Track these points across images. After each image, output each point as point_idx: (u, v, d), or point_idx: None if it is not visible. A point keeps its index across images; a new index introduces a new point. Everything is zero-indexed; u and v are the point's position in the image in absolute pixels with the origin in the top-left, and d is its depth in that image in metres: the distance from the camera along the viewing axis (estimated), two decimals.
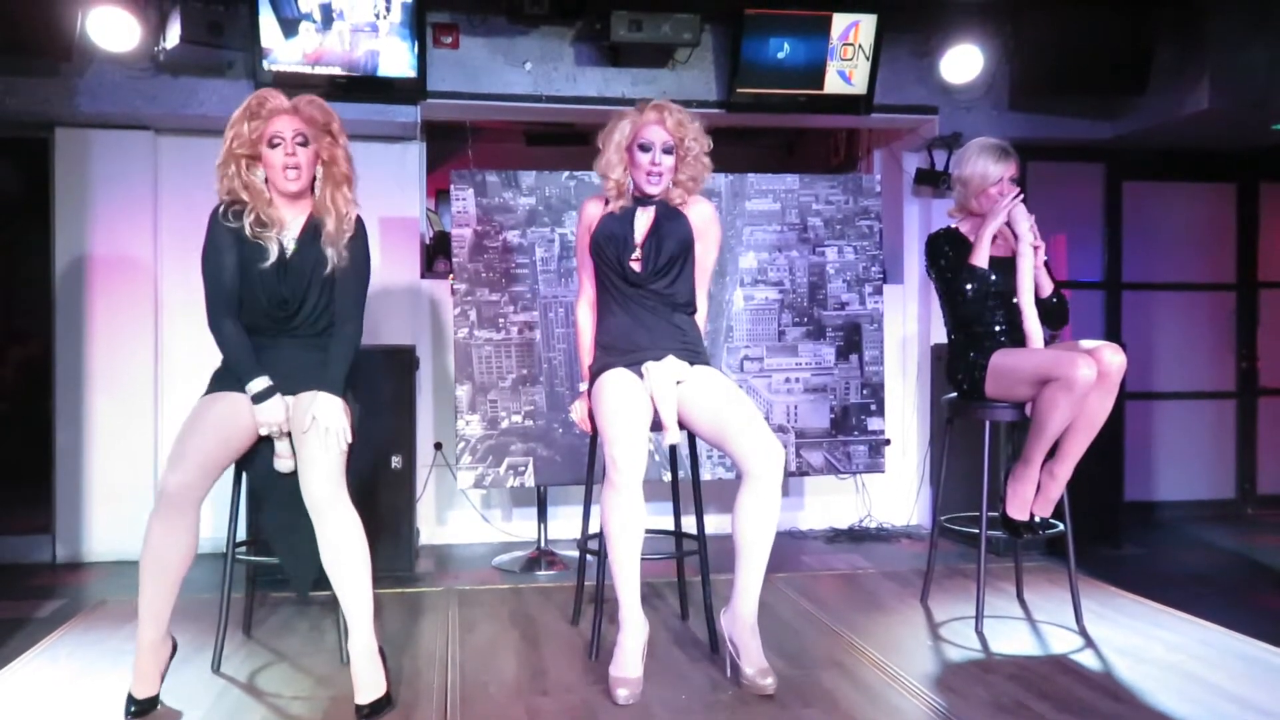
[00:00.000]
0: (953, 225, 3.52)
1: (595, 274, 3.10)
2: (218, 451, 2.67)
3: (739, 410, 2.85)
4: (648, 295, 3.01)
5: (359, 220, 2.89)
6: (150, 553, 2.58)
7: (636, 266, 3.00)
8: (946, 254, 3.42)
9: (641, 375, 2.93)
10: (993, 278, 3.33)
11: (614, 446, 2.79)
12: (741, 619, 2.81)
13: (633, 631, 2.80)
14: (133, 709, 2.60)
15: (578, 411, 3.18)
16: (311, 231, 2.82)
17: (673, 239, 3.01)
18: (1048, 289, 3.39)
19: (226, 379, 2.80)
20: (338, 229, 2.80)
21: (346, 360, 2.81)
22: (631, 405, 2.86)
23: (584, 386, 3.14)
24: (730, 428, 2.82)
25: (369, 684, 2.62)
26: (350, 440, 2.73)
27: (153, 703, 2.63)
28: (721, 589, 3.06)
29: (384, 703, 2.63)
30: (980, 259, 3.33)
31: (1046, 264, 3.44)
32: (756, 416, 2.85)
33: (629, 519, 2.77)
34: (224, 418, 2.71)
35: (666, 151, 2.98)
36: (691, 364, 2.98)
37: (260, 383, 2.73)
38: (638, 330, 2.99)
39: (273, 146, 2.75)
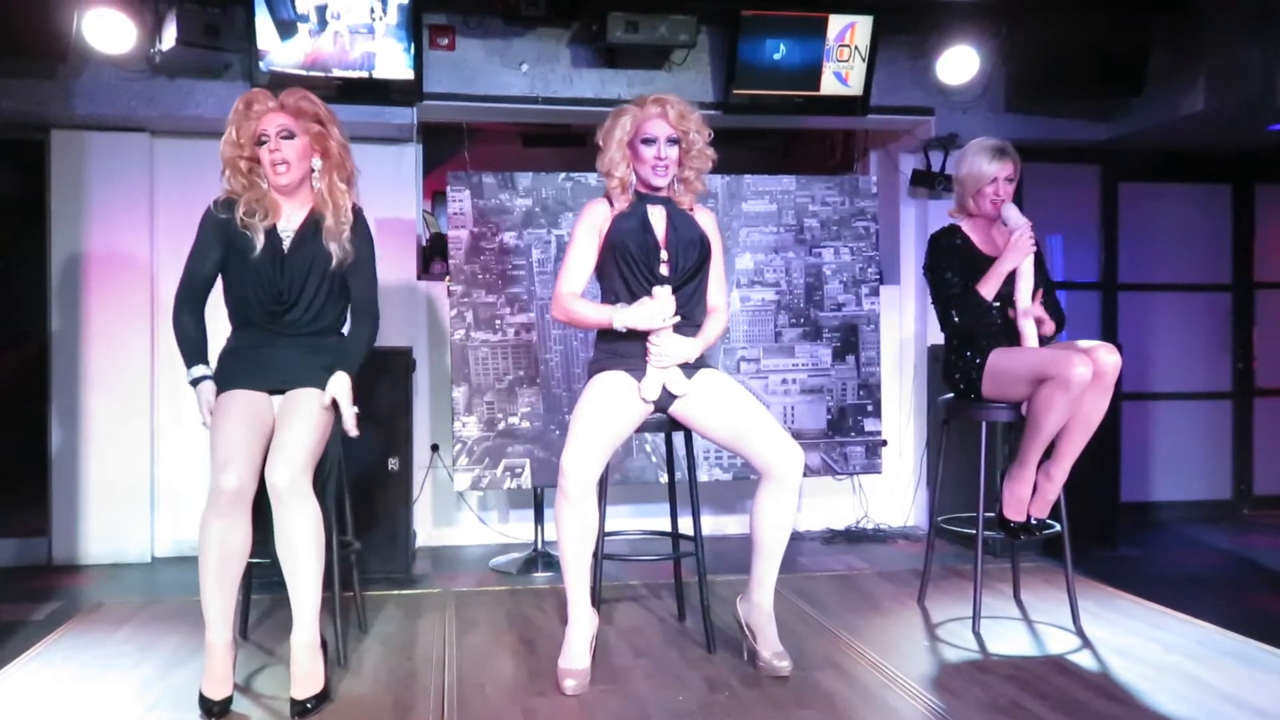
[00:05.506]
0: (954, 224, 3.51)
1: (605, 274, 3.05)
2: (259, 446, 2.67)
3: (755, 416, 2.89)
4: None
5: (358, 211, 2.92)
6: (214, 554, 2.57)
7: (665, 270, 2.98)
8: (946, 263, 3.41)
9: (642, 378, 2.92)
10: (996, 305, 3.34)
11: (569, 452, 2.80)
12: (758, 606, 2.94)
13: (580, 624, 2.87)
14: (214, 710, 2.58)
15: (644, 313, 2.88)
16: (312, 226, 2.85)
17: (694, 244, 3.01)
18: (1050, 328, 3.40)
19: (231, 372, 2.81)
20: (336, 222, 2.84)
21: (361, 350, 2.88)
22: (611, 414, 2.87)
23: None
24: (750, 434, 2.86)
25: (308, 678, 2.63)
26: (356, 433, 2.78)
27: (230, 702, 2.62)
28: (719, 590, 3.07)
29: (322, 697, 2.65)
30: (988, 290, 3.31)
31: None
32: (772, 420, 2.90)
33: (579, 525, 2.82)
34: (253, 411, 2.73)
35: (671, 143, 2.96)
36: (697, 367, 2.99)
37: (199, 370, 2.83)
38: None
39: (260, 144, 2.80)
